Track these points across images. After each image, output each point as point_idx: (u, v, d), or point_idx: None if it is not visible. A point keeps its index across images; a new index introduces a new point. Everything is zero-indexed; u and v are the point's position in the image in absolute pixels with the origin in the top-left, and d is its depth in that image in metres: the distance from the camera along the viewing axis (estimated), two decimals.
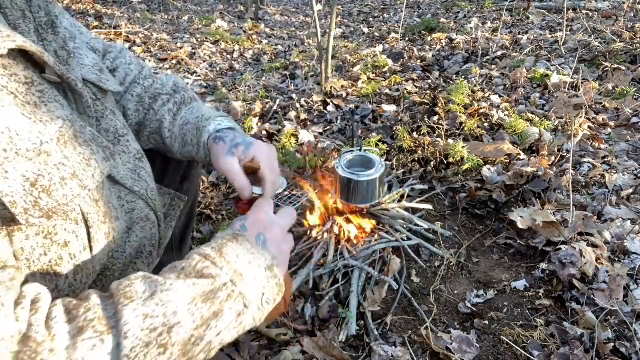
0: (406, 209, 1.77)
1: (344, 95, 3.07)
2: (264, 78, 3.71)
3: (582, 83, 2.88)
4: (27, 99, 0.58)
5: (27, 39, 0.59)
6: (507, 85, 3.14)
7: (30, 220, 0.54)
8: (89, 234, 0.64)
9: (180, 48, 4.55)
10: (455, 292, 1.50)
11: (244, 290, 0.60)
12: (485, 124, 2.47)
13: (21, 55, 0.59)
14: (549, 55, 3.63)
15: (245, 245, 0.64)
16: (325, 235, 1.60)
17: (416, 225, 1.70)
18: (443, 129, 2.33)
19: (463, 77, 3.19)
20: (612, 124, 2.52)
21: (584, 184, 1.96)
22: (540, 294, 1.45)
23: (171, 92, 0.98)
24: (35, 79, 0.60)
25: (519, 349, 1.26)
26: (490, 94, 2.89)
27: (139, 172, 0.81)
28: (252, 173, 0.83)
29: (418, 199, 1.88)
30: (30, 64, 0.61)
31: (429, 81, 3.27)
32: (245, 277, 0.60)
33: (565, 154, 2.12)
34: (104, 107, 0.79)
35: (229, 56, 4.58)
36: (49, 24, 0.71)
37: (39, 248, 0.58)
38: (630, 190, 1.89)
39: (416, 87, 3.12)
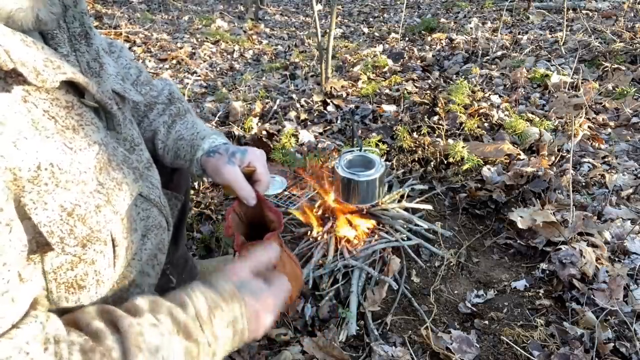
0: (406, 209, 1.77)
1: (344, 95, 3.07)
2: (264, 78, 3.71)
3: (582, 83, 2.88)
4: (66, 123, 0.58)
5: (75, 69, 0.60)
6: (507, 85, 3.14)
7: (65, 249, 0.56)
8: (114, 252, 0.65)
9: (180, 48, 4.55)
10: (455, 292, 1.50)
11: (216, 349, 0.63)
12: (485, 124, 2.47)
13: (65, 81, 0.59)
14: (549, 55, 3.63)
15: (234, 310, 0.65)
16: (325, 235, 1.61)
17: (416, 225, 1.70)
18: (443, 129, 2.33)
19: (463, 77, 3.19)
20: (612, 124, 2.52)
21: (584, 184, 1.96)
22: (540, 294, 1.45)
23: (166, 102, 0.98)
24: (75, 103, 0.61)
25: (519, 349, 1.26)
26: (490, 94, 2.89)
27: (151, 180, 0.81)
28: (248, 177, 0.86)
29: (418, 199, 1.88)
30: (70, 87, 0.61)
31: (429, 81, 3.27)
32: (219, 338, 0.63)
33: (565, 154, 2.12)
34: (124, 115, 0.79)
35: (229, 56, 4.58)
36: (83, 34, 0.71)
37: (66, 264, 0.59)
38: (630, 190, 1.89)
39: (416, 87, 3.12)
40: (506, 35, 4.46)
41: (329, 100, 2.94)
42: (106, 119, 0.70)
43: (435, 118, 2.47)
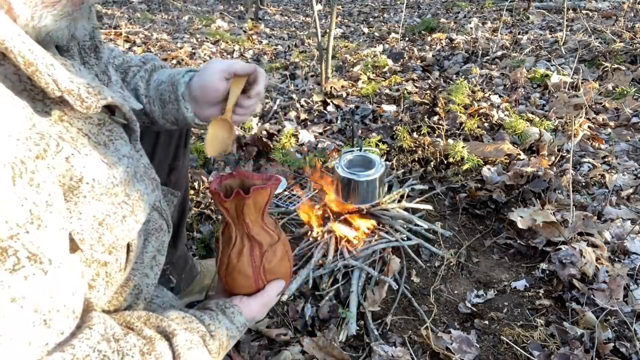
0: (406, 209, 1.77)
1: (344, 95, 3.07)
2: None
3: (582, 83, 2.88)
4: (98, 139, 0.61)
5: (115, 94, 0.64)
6: (507, 85, 3.14)
7: (94, 256, 0.59)
8: (127, 256, 0.68)
9: (180, 48, 4.55)
10: (455, 292, 1.50)
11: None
12: (485, 124, 2.47)
13: None
14: (549, 55, 3.63)
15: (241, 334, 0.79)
16: (325, 235, 1.61)
17: (416, 225, 1.70)
18: (443, 129, 2.33)
19: (463, 77, 3.19)
20: (612, 124, 2.52)
21: (584, 184, 1.96)
22: (540, 294, 1.45)
23: (140, 64, 0.99)
24: (106, 120, 0.65)
25: (519, 349, 1.26)
26: (490, 94, 2.89)
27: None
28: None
29: (418, 199, 1.88)
30: (103, 106, 0.64)
31: (429, 81, 3.27)
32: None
33: (565, 154, 2.12)
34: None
35: (229, 56, 4.58)
36: (92, 48, 0.74)
37: (80, 263, 0.61)
38: (630, 190, 1.89)
39: (416, 87, 3.12)
40: (506, 35, 4.46)
41: (329, 100, 2.94)
42: (128, 135, 0.73)
43: (435, 118, 2.47)
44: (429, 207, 1.81)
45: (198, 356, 0.66)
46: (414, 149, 2.21)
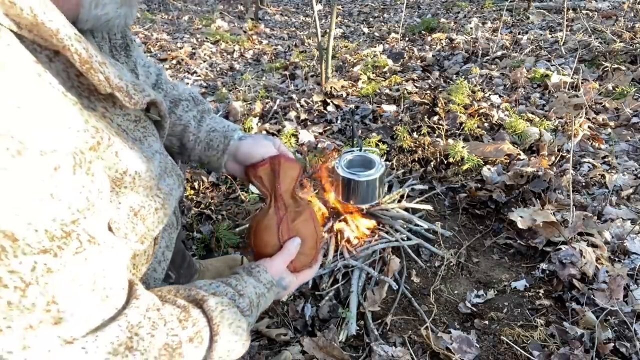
0: (406, 209, 1.77)
1: (344, 95, 3.07)
2: (264, 78, 3.71)
3: (582, 83, 2.88)
4: (134, 135, 0.65)
5: (153, 91, 0.68)
6: (507, 85, 3.14)
7: (128, 244, 0.61)
8: (153, 249, 0.71)
9: (180, 48, 4.55)
10: (455, 292, 1.50)
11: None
12: (485, 124, 2.47)
13: None
14: (549, 55, 3.63)
15: (271, 296, 0.84)
16: (325, 235, 1.60)
17: (416, 225, 1.70)
18: (443, 129, 2.33)
19: (463, 77, 3.19)
20: (612, 124, 2.52)
21: (584, 184, 1.96)
22: (540, 294, 1.45)
23: (190, 99, 1.04)
24: (142, 117, 0.68)
25: (519, 349, 1.26)
26: (490, 94, 2.89)
27: None
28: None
29: (418, 199, 1.88)
30: None
31: (429, 81, 3.27)
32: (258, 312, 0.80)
33: (565, 154, 2.12)
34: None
35: (229, 56, 4.58)
36: (123, 46, 0.76)
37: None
38: (630, 190, 1.89)
39: (416, 87, 3.12)
40: (506, 35, 4.46)
41: (329, 100, 2.94)
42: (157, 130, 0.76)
43: (435, 118, 2.47)
44: (429, 207, 1.81)
45: (231, 316, 0.69)
46: (414, 149, 2.21)
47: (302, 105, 2.91)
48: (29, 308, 0.44)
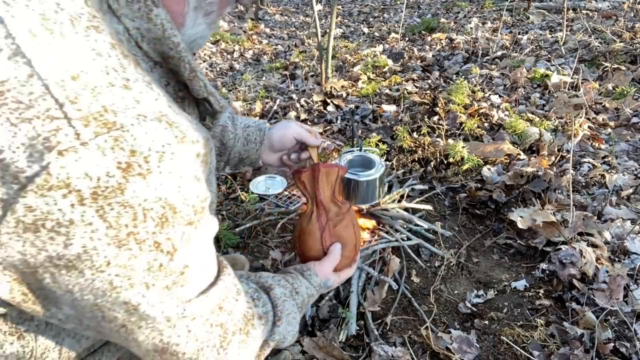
0: (406, 209, 1.76)
1: (344, 95, 3.07)
2: (264, 78, 3.71)
3: (582, 83, 2.88)
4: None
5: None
6: (507, 85, 3.14)
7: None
8: None
9: None
10: (455, 292, 1.50)
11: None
12: (485, 124, 2.47)
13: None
14: (549, 55, 3.63)
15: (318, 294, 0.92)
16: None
17: (416, 225, 1.70)
18: (443, 129, 2.33)
19: (463, 77, 3.19)
20: (612, 124, 2.52)
21: (584, 184, 1.96)
22: (540, 294, 1.45)
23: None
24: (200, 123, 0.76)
25: (519, 349, 1.26)
26: (490, 94, 2.89)
27: None
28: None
29: (418, 199, 1.88)
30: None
31: (429, 81, 3.27)
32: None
33: (565, 154, 2.12)
34: None
35: (229, 56, 4.58)
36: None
37: None
38: (630, 190, 1.89)
39: (416, 87, 3.12)
40: (506, 35, 4.46)
41: (329, 100, 2.94)
42: None
43: (435, 118, 2.47)
44: (429, 207, 1.81)
45: (290, 308, 0.77)
46: (414, 149, 2.21)
47: (302, 105, 2.91)
48: (172, 270, 0.52)
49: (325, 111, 2.84)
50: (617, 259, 1.52)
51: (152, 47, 0.56)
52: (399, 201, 1.81)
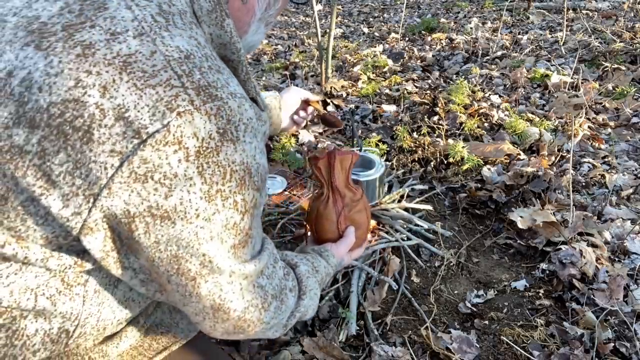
0: (406, 209, 1.76)
1: (344, 95, 3.07)
2: (264, 78, 3.71)
3: (582, 83, 2.88)
4: None
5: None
6: (507, 85, 3.14)
7: None
8: None
9: None
10: (455, 292, 1.50)
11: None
12: (485, 124, 2.47)
13: None
14: (549, 55, 3.63)
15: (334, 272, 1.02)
16: None
17: (416, 225, 1.70)
18: (443, 129, 2.33)
19: (463, 77, 3.19)
20: (612, 124, 2.52)
21: (584, 184, 1.96)
22: (540, 294, 1.45)
23: None
24: None
25: (519, 349, 1.26)
26: (490, 94, 2.89)
27: None
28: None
29: (418, 199, 1.88)
30: None
31: (429, 81, 3.27)
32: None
33: (565, 154, 2.12)
34: None
35: None
36: None
37: None
38: (630, 190, 1.89)
39: (416, 87, 3.12)
40: (506, 35, 4.46)
41: (329, 100, 2.94)
42: None
43: (435, 118, 2.47)
44: (429, 207, 1.81)
45: (312, 284, 0.83)
46: (414, 149, 2.21)
47: None
48: (241, 230, 0.59)
49: (325, 111, 2.84)
50: (617, 259, 1.52)
51: (217, 51, 0.64)
52: (399, 201, 1.81)
